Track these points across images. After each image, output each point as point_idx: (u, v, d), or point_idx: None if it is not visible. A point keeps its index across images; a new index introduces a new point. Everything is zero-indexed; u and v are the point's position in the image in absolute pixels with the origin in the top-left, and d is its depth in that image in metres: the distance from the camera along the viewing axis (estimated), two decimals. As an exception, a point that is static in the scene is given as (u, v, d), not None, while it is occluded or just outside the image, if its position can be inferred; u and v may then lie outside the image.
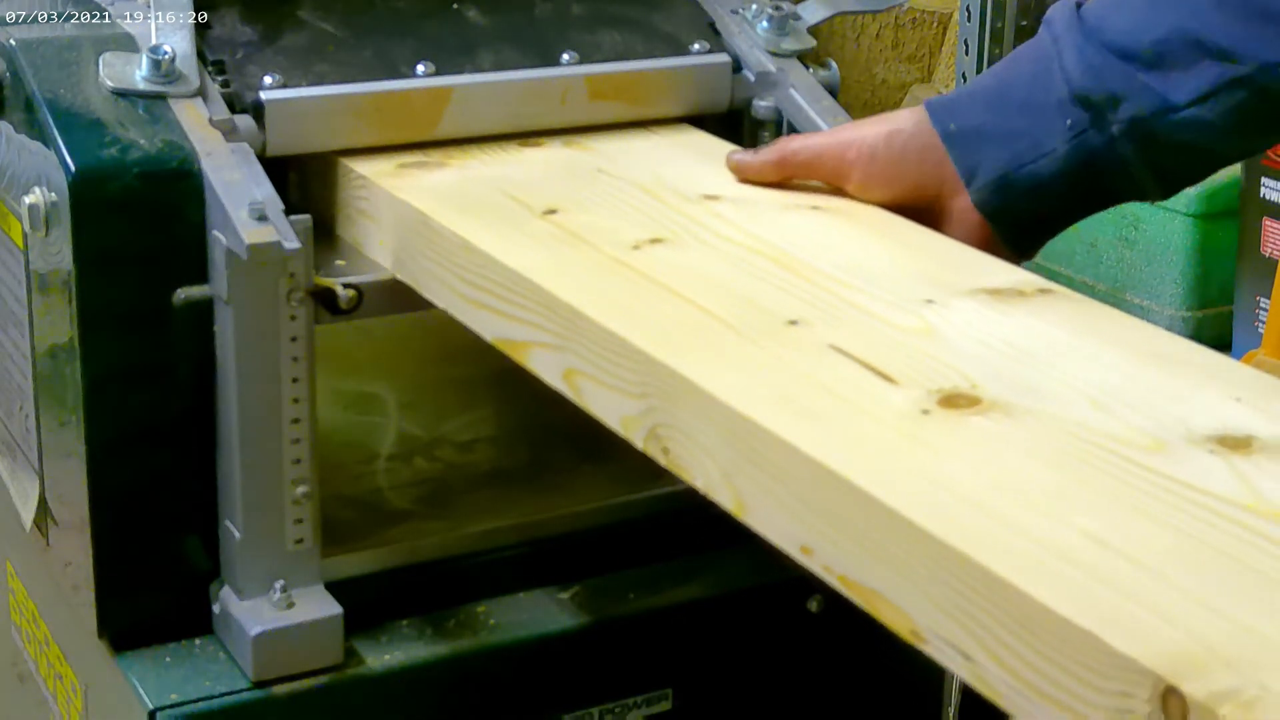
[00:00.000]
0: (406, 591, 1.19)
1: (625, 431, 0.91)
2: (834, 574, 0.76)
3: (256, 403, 1.09)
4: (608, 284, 0.98)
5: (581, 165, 1.21)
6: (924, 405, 0.82)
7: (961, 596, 0.69)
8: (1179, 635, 0.62)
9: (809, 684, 1.30)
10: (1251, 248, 1.68)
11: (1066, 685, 0.64)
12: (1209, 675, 0.60)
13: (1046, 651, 0.64)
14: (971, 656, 0.69)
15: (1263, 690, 0.59)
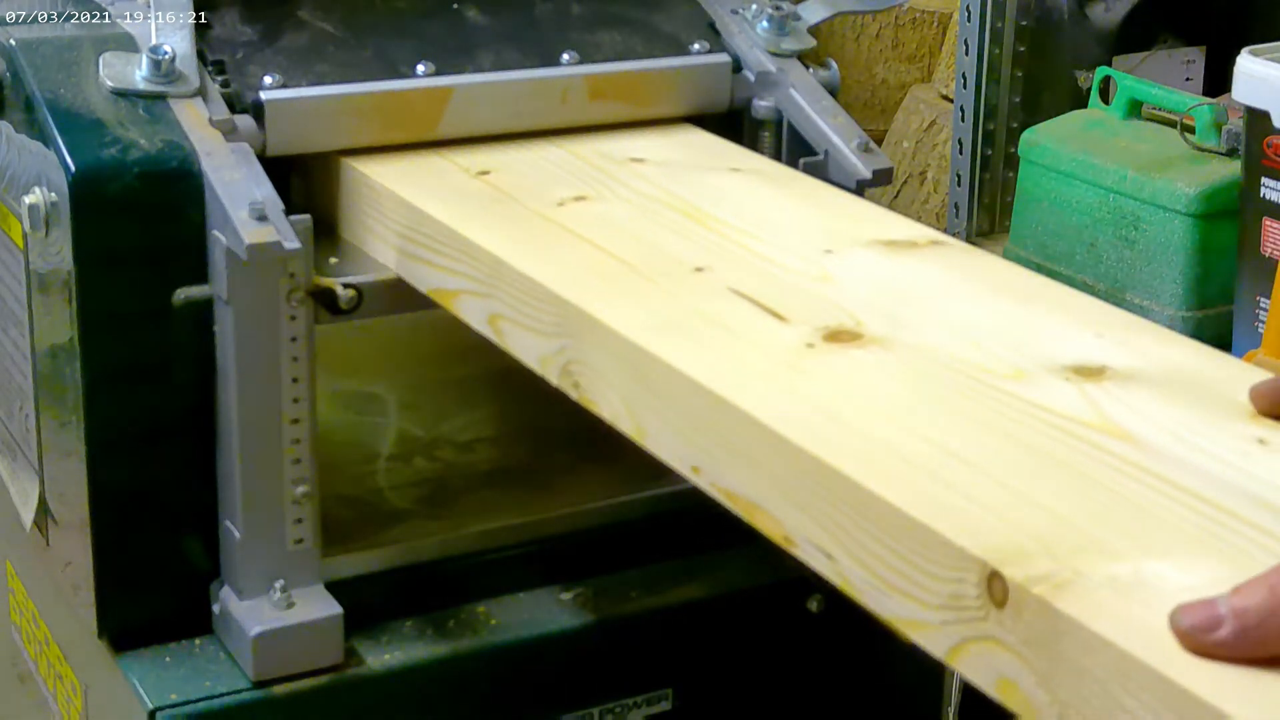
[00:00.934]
0: (406, 591, 1.19)
1: (542, 369, 0.98)
2: (719, 489, 0.84)
3: (256, 403, 1.09)
4: (530, 235, 1.06)
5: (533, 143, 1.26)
6: (810, 340, 0.90)
7: (826, 503, 0.76)
8: (1007, 528, 0.70)
9: (809, 684, 1.30)
10: (1251, 248, 1.68)
11: (910, 575, 0.72)
12: (1029, 561, 0.68)
13: (895, 546, 0.73)
14: (833, 555, 0.77)
15: (1075, 574, 0.67)
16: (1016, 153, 2.18)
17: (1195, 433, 0.80)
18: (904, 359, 0.88)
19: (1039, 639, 0.67)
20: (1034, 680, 0.67)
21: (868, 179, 1.24)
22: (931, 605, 0.72)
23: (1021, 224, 2.36)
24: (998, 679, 0.69)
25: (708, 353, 0.88)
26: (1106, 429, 0.80)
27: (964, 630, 0.70)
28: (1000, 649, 0.68)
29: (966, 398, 0.83)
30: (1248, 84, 1.67)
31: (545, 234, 1.07)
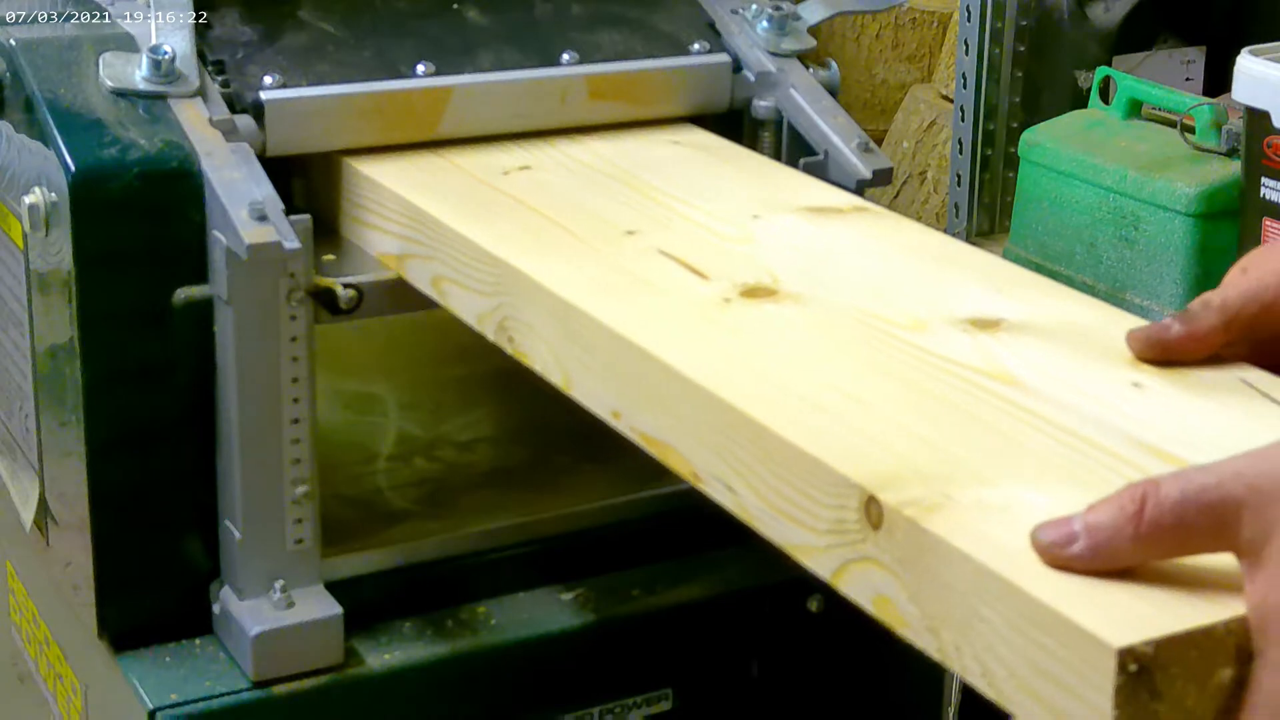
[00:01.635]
0: (406, 591, 1.19)
1: (480, 326, 1.05)
2: (637, 432, 0.91)
3: (256, 403, 1.09)
4: (474, 201, 1.13)
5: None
6: (727, 295, 0.97)
7: (729, 441, 0.83)
8: (888, 458, 0.77)
9: (809, 684, 1.30)
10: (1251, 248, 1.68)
11: (800, 503, 0.78)
12: (904, 487, 0.74)
13: (788, 477, 0.79)
14: (734, 488, 0.83)
15: (945, 498, 0.73)
16: (1016, 153, 2.18)
17: (1076, 376, 0.87)
18: (814, 312, 0.95)
19: (909, 557, 0.73)
20: (906, 595, 0.74)
21: (868, 179, 1.24)
22: (818, 530, 0.78)
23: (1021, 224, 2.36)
24: (875, 596, 0.76)
25: (631, 308, 0.94)
26: (994, 374, 0.87)
27: (846, 552, 0.76)
28: (877, 568, 0.75)
29: (868, 346, 0.90)
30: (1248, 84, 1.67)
31: (489, 200, 1.13)
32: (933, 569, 0.72)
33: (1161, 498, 0.68)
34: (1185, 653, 0.65)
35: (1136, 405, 0.83)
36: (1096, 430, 0.80)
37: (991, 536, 0.70)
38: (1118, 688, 0.63)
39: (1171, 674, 0.64)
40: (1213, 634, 0.65)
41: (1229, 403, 0.84)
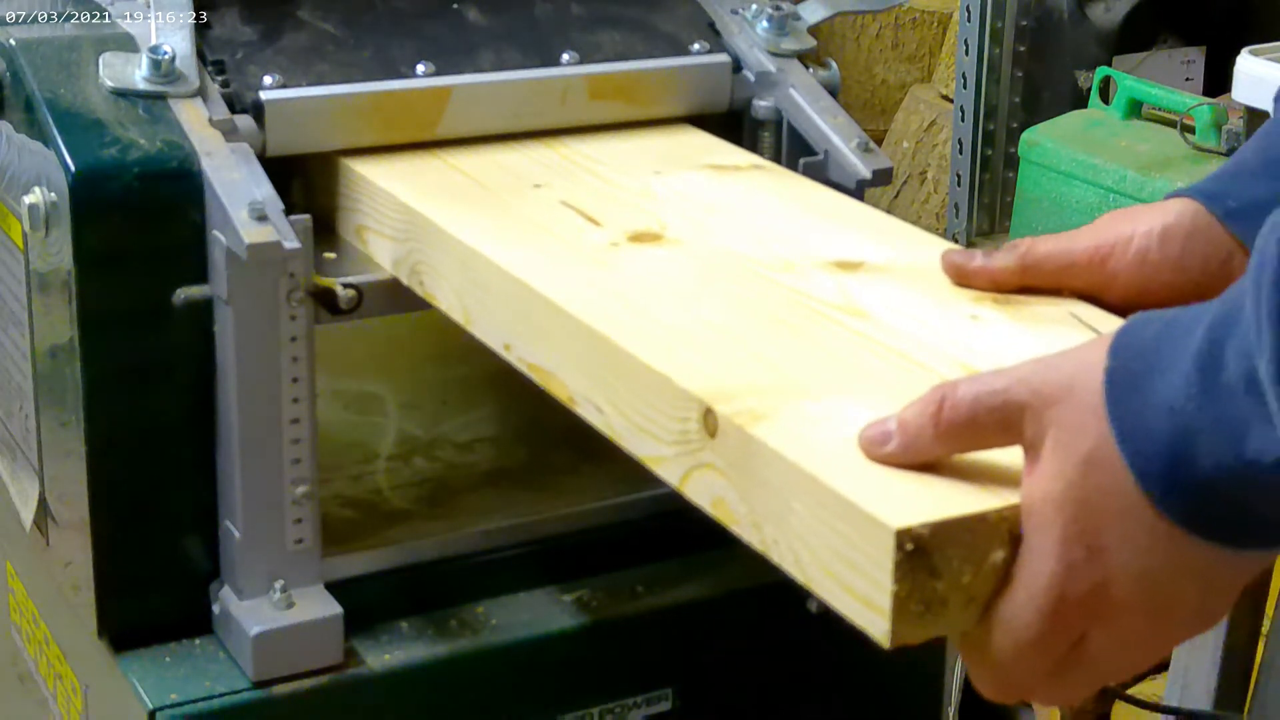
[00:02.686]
0: (406, 591, 1.19)
1: (395, 270, 1.14)
2: (524, 362, 1.00)
3: (256, 403, 1.09)
4: (396, 158, 1.20)
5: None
6: (615, 240, 1.06)
7: (599, 365, 0.92)
8: (729, 376, 0.86)
9: (809, 684, 1.30)
10: (1251, 248, 1.68)
11: (654, 418, 0.87)
12: (737, 400, 0.83)
13: (644, 395, 0.88)
14: (602, 409, 0.92)
15: (773, 409, 0.82)
16: (1016, 153, 2.18)
17: (921, 310, 0.96)
18: (694, 255, 1.04)
19: (738, 461, 0.81)
20: (736, 495, 0.82)
21: (867, 179, 1.24)
22: (667, 441, 0.87)
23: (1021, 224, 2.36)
24: (713, 499, 0.84)
25: (525, 251, 1.03)
26: (846, 308, 0.96)
27: (689, 460, 0.85)
28: (714, 472, 0.83)
29: (737, 284, 0.99)
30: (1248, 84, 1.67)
31: (409, 157, 1.21)
32: (756, 470, 0.80)
33: (958, 399, 0.76)
34: (960, 536, 0.72)
35: (970, 334, 0.93)
36: (928, 355, 0.89)
37: (805, 439, 0.79)
38: (896, 564, 0.71)
39: (947, 554, 0.72)
40: (986, 520, 0.73)
41: (1056, 333, 0.92)
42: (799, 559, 0.78)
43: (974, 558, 0.73)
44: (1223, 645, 1.96)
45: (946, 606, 0.73)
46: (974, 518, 0.73)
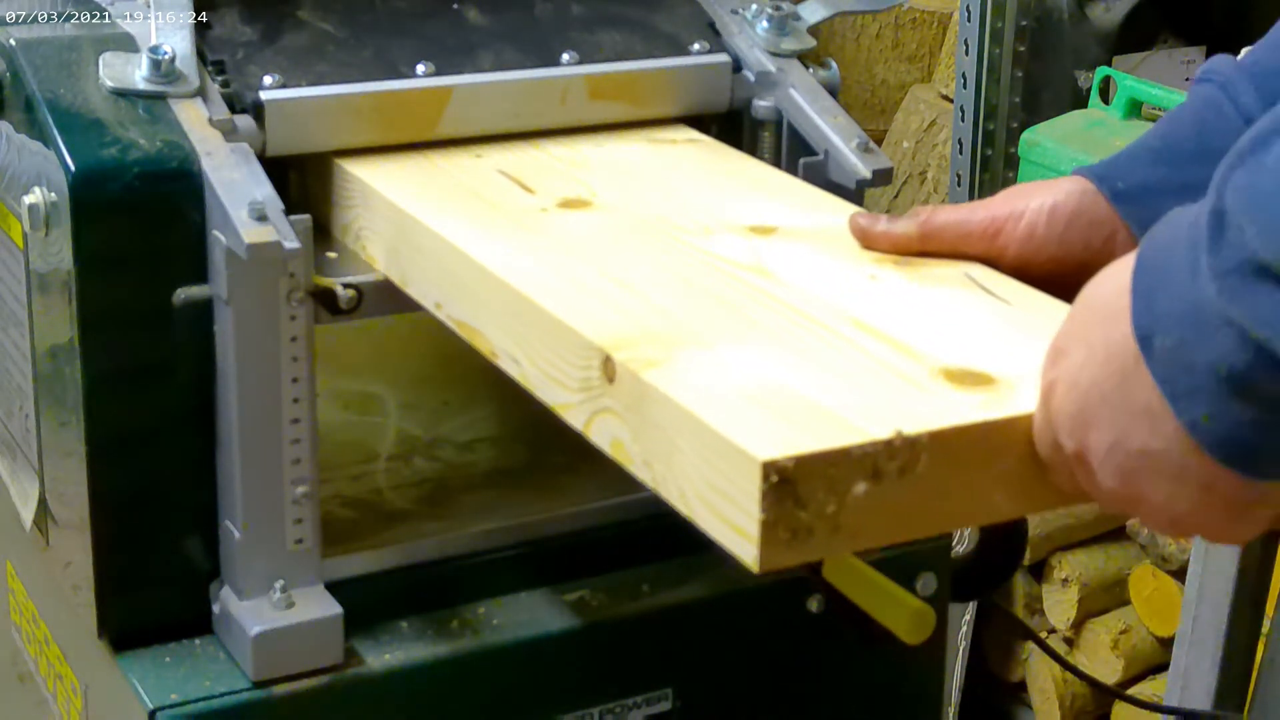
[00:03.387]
0: (406, 591, 1.19)
1: (343, 237, 1.19)
2: (453, 320, 1.05)
3: (256, 403, 1.09)
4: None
5: None
6: (545, 206, 1.12)
7: (516, 320, 0.98)
8: (630, 328, 0.92)
9: (809, 684, 1.30)
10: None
11: (563, 368, 0.93)
12: (634, 348, 0.89)
13: (556, 348, 0.94)
14: (519, 361, 0.98)
15: (666, 357, 0.88)
16: (1016, 153, 2.18)
17: (823, 270, 1.02)
18: (618, 219, 1.10)
19: (632, 404, 0.87)
20: (630, 437, 0.88)
21: (867, 179, 1.24)
22: (573, 389, 0.93)
23: (1021, 224, 2.35)
24: (611, 440, 0.90)
25: (458, 215, 1.09)
26: (753, 268, 1.02)
27: (592, 405, 0.91)
28: (612, 416, 0.89)
29: (654, 246, 1.05)
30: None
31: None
32: (647, 412, 0.86)
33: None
34: (823, 469, 0.77)
35: (866, 292, 0.99)
36: (822, 310, 0.95)
37: (691, 383, 0.85)
38: (763, 494, 0.76)
39: (812, 486, 0.77)
40: (849, 454, 0.77)
41: (950, 293, 0.99)
42: (683, 493, 0.83)
43: (838, 489, 0.77)
44: (1223, 645, 1.96)
45: (812, 535, 0.78)
46: (837, 452, 0.77)
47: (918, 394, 0.85)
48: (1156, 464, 0.75)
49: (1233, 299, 0.69)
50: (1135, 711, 2.48)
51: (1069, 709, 2.62)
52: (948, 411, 0.82)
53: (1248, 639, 1.98)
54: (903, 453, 0.78)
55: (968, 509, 0.83)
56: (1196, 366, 0.72)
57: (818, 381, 0.86)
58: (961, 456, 0.80)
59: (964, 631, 2.58)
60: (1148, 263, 0.75)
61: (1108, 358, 0.76)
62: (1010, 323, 0.94)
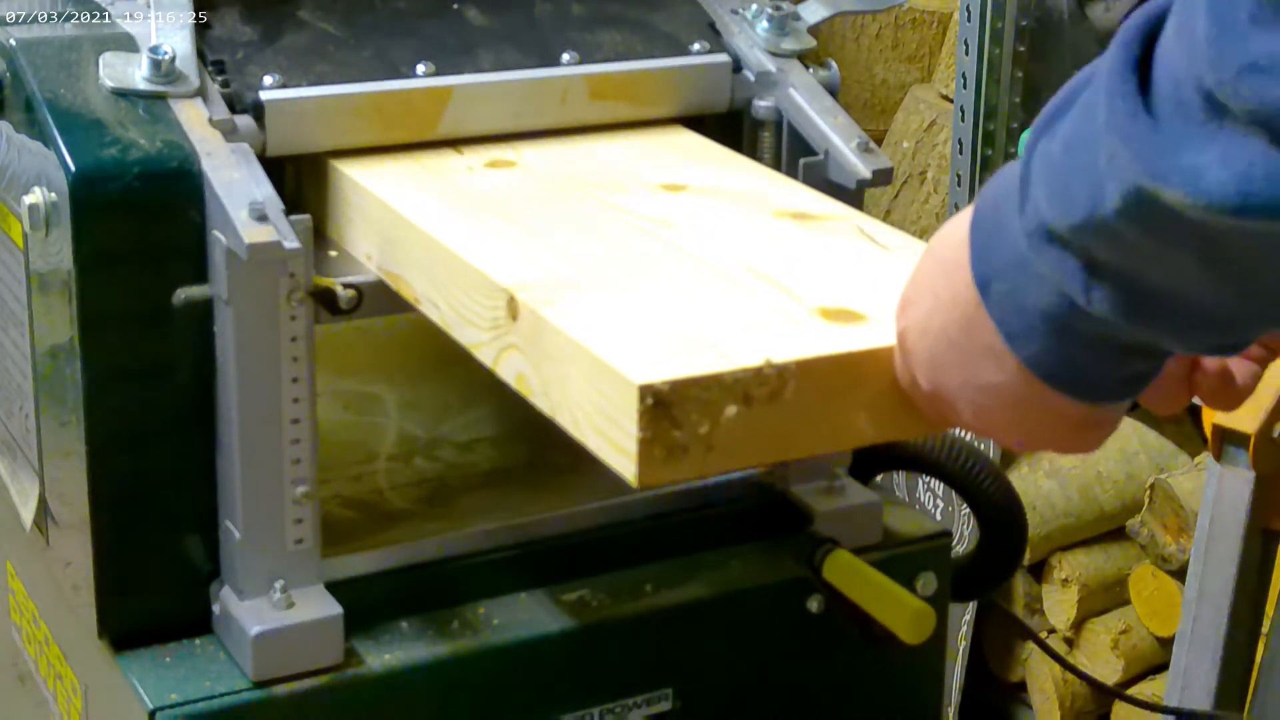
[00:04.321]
0: (406, 591, 1.19)
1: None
2: (384, 270, 1.13)
3: (256, 403, 1.09)
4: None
5: None
6: (472, 165, 1.21)
7: (436, 266, 1.05)
8: (535, 271, 1.00)
9: (809, 684, 1.30)
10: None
11: (476, 310, 1.00)
12: (537, 290, 0.96)
13: (470, 291, 1.01)
14: (438, 305, 1.05)
15: (563, 296, 0.95)
16: (1016, 153, 2.18)
17: (727, 223, 1.10)
18: (539, 179, 1.17)
19: (532, 339, 0.94)
20: (531, 369, 0.95)
21: (867, 179, 1.23)
22: (484, 328, 0.99)
23: (1021, 224, 2.35)
24: (516, 375, 0.97)
25: (393, 176, 1.16)
26: (660, 220, 1.09)
27: (499, 343, 0.98)
28: (516, 352, 0.96)
29: (571, 202, 1.13)
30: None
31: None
32: (544, 345, 0.93)
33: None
34: (696, 393, 0.83)
35: (764, 244, 1.06)
36: (717, 257, 1.02)
37: (583, 318, 0.91)
38: (640, 415, 0.83)
39: (686, 408, 0.83)
40: (721, 380, 0.84)
41: (840, 243, 1.07)
42: (575, 419, 0.90)
43: (710, 412, 0.83)
44: (1223, 645, 1.96)
45: (688, 453, 0.84)
46: (710, 377, 0.84)
47: (792, 328, 0.92)
48: (1003, 396, 0.82)
49: (1036, 256, 0.76)
50: (1135, 711, 2.48)
51: (1069, 709, 2.62)
52: (816, 343, 0.88)
53: (1248, 639, 1.97)
54: (771, 379, 0.85)
55: (835, 433, 0.89)
56: (1027, 309, 0.78)
57: (701, 317, 0.93)
58: (827, 384, 0.87)
59: (964, 631, 2.58)
60: (982, 217, 0.80)
61: (953, 304, 0.82)
62: (890, 269, 1.01)
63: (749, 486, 1.31)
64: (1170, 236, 0.70)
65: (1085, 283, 0.75)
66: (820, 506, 1.29)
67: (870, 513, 1.31)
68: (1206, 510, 1.94)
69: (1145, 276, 0.73)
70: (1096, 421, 0.84)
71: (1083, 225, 0.73)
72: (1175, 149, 0.67)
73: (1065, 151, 0.73)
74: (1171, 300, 0.73)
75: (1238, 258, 0.70)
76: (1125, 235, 0.72)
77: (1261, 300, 0.72)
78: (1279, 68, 0.62)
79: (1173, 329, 0.75)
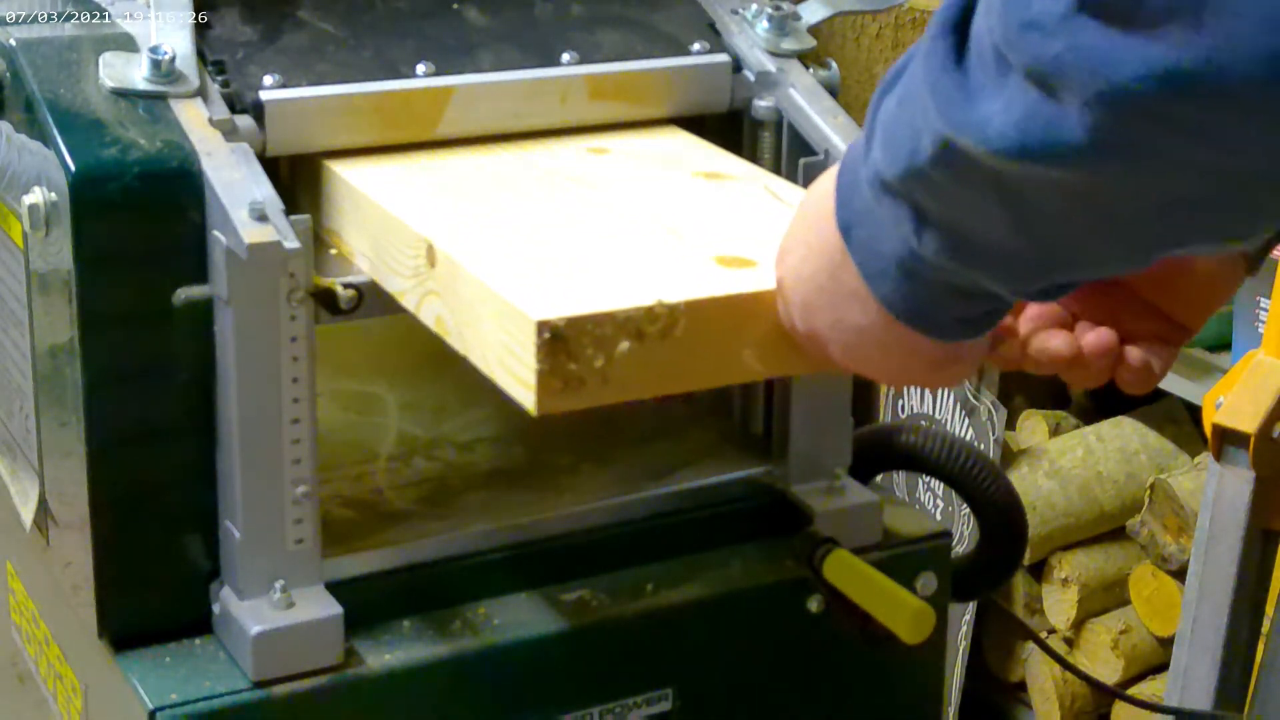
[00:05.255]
0: (406, 591, 1.19)
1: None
2: (325, 230, 1.18)
3: (256, 403, 1.09)
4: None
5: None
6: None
7: (366, 222, 1.12)
8: (455, 222, 1.07)
9: (809, 684, 1.30)
10: (1251, 248, 1.68)
11: (402, 260, 1.07)
12: (454, 238, 1.04)
13: (397, 244, 1.08)
14: (368, 256, 1.13)
15: (477, 242, 1.03)
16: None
17: (644, 181, 1.17)
18: (484, 153, 1.22)
19: (448, 284, 1.01)
20: (448, 312, 1.01)
21: (868, 179, 1.23)
22: (406, 276, 1.07)
23: (1021, 224, 2.35)
24: (435, 318, 1.03)
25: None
26: (578, 178, 1.17)
27: (420, 289, 1.04)
28: (435, 296, 1.03)
29: (495, 161, 1.20)
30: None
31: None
32: (458, 289, 0.99)
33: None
34: (590, 328, 0.90)
35: (676, 200, 1.13)
36: (627, 209, 1.10)
37: (491, 263, 0.98)
38: (538, 348, 0.89)
39: (581, 343, 0.90)
40: (614, 317, 0.91)
41: (748, 200, 1.15)
42: (484, 355, 0.96)
43: (605, 347, 0.91)
44: (1223, 645, 1.96)
45: (584, 384, 0.91)
46: (604, 315, 0.91)
47: (688, 273, 0.99)
48: (869, 336, 0.89)
49: (877, 204, 0.83)
50: (1135, 711, 2.48)
51: (1069, 709, 2.63)
52: (707, 285, 0.95)
53: (1248, 639, 1.97)
54: (663, 317, 0.92)
55: (723, 368, 0.97)
56: (882, 254, 0.85)
57: (603, 262, 1.00)
58: (716, 323, 0.94)
59: (964, 631, 2.58)
60: (845, 169, 0.87)
61: (821, 252, 0.89)
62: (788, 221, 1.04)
63: (749, 486, 1.32)
64: (973, 183, 0.76)
65: (916, 228, 0.81)
66: (820, 506, 1.29)
67: (870, 513, 1.31)
68: (1206, 510, 1.94)
69: (960, 222, 0.80)
70: (953, 359, 0.91)
71: (905, 174, 0.79)
72: (973, 101, 0.73)
73: (898, 106, 0.80)
74: (985, 244, 0.80)
75: (1029, 202, 0.75)
76: (939, 183, 0.78)
77: (1056, 244, 0.78)
78: (1052, 26, 0.68)
79: (992, 272, 0.82)
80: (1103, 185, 0.72)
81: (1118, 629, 2.57)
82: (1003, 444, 2.56)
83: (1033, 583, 2.65)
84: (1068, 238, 0.78)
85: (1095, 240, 0.77)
